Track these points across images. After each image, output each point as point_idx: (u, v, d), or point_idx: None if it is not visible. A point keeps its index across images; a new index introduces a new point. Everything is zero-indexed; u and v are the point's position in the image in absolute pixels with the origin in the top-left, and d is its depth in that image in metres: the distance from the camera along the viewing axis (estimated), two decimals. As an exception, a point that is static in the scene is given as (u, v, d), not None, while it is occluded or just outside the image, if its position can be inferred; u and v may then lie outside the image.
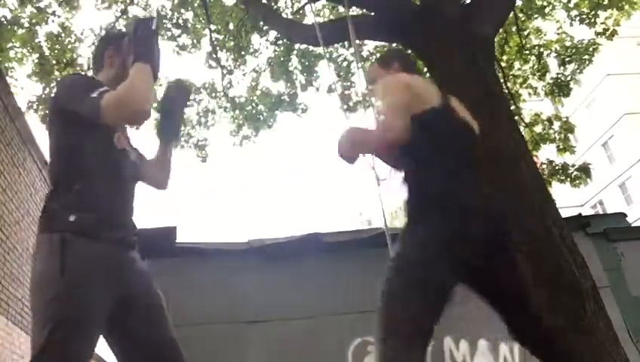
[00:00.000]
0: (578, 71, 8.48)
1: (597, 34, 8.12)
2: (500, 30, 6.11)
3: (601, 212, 24.52)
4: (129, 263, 1.80)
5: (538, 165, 6.91)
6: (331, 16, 8.42)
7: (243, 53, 8.56)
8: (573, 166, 8.13)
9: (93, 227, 1.70)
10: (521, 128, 6.72)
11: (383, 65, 2.35)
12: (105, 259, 1.69)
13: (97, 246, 1.69)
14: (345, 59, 8.69)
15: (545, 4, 8.38)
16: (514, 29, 7.91)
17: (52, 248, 1.64)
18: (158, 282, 1.99)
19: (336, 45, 8.15)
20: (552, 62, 8.72)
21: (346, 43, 7.51)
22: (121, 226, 1.81)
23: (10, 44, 7.22)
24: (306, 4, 7.93)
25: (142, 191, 2.05)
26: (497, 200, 2.09)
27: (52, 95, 1.98)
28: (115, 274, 1.71)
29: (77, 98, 1.73)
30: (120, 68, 1.91)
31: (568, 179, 8.03)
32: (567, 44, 8.52)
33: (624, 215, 7.35)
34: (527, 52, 8.42)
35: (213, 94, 8.86)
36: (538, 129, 8.58)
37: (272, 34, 8.23)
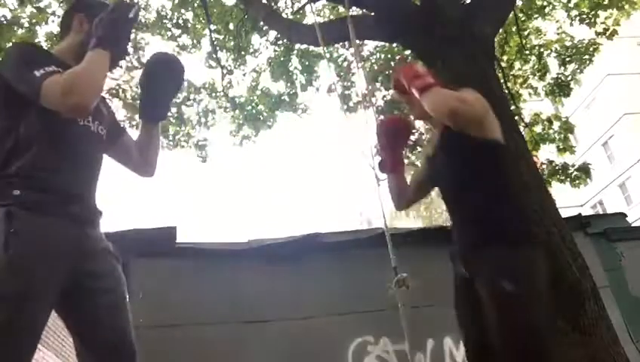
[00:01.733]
0: (578, 71, 8.49)
1: (597, 34, 8.12)
2: (500, 30, 6.10)
3: (601, 212, 24.52)
4: (85, 240, 1.66)
5: (538, 165, 6.91)
6: (331, 16, 8.42)
7: (243, 53, 8.57)
8: (573, 166, 8.12)
9: (41, 201, 1.58)
10: (521, 128, 6.72)
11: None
12: (54, 234, 1.57)
13: (45, 220, 1.56)
14: (345, 59, 8.70)
15: (545, 4, 8.39)
16: (514, 29, 7.91)
17: None
18: (158, 282, 1.96)
19: (336, 45, 8.16)
20: (552, 62, 8.72)
21: (346, 43, 7.51)
22: (74, 201, 1.65)
23: (10, 44, 7.21)
24: (306, 4, 7.94)
25: (140, 189, 1.94)
26: None
27: None
28: (66, 250, 1.59)
29: (18, 73, 1.60)
30: (87, 36, 1.75)
31: (568, 179, 8.03)
32: (567, 44, 8.52)
33: (624, 215, 7.36)
34: (527, 52, 8.42)
35: (213, 94, 8.86)
36: (538, 129, 8.59)
37: (272, 34, 8.24)
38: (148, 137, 1.93)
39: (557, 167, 8.05)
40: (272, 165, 70.27)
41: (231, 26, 8.35)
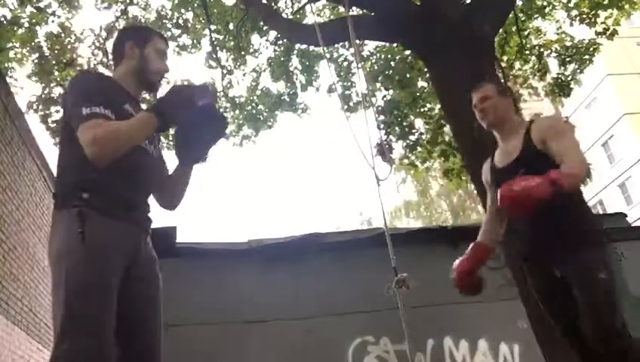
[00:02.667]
0: (578, 71, 8.48)
1: (597, 34, 8.12)
2: (500, 30, 6.10)
3: (601, 212, 24.51)
4: (143, 245, 1.81)
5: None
6: (331, 17, 8.42)
7: (243, 53, 8.57)
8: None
9: (107, 205, 1.71)
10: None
11: (500, 92, 2.59)
12: (120, 234, 1.71)
13: (112, 221, 1.70)
14: (345, 59, 8.70)
15: (545, 4, 8.38)
16: (514, 29, 7.91)
17: (70, 221, 1.65)
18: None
19: (336, 45, 8.15)
20: (552, 62, 8.72)
21: (346, 43, 7.51)
22: (135, 209, 1.81)
23: (10, 44, 7.22)
24: (306, 4, 7.94)
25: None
26: None
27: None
28: (128, 251, 1.73)
29: (71, 104, 1.75)
30: (140, 60, 1.93)
31: (568, 179, 8.02)
32: (567, 44, 8.52)
33: (624, 215, 7.35)
34: (527, 52, 8.42)
35: (213, 94, 8.85)
36: (538, 129, 8.57)
37: (272, 34, 8.24)
38: (181, 176, 2.01)
39: (557, 167, 8.04)
40: (272, 165, 70.32)
41: (231, 26, 8.35)
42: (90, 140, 1.65)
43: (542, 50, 8.48)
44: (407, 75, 8.12)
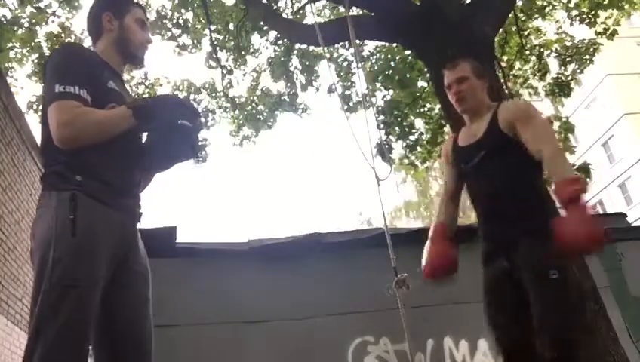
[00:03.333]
0: (578, 71, 8.48)
1: (597, 34, 8.12)
2: (500, 30, 6.10)
3: (601, 212, 24.51)
4: (135, 236, 1.73)
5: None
6: (331, 16, 8.42)
7: (243, 53, 8.57)
8: (573, 166, 8.12)
9: (101, 190, 1.61)
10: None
11: (477, 73, 2.39)
12: (112, 225, 1.61)
13: (105, 209, 1.60)
14: (345, 59, 8.69)
15: (545, 4, 8.38)
16: (514, 29, 7.91)
17: (61, 205, 1.53)
18: (158, 282, 1.96)
19: (336, 45, 8.15)
20: (552, 62, 8.72)
21: (346, 43, 7.51)
22: (128, 195, 1.71)
23: (10, 44, 7.21)
24: (306, 4, 7.94)
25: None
26: None
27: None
28: (121, 241, 1.64)
29: (47, 79, 1.64)
30: (120, 32, 1.81)
31: (568, 180, 8.02)
32: (568, 44, 8.52)
33: (624, 215, 7.35)
34: (528, 52, 8.42)
35: (213, 94, 8.87)
36: (538, 129, 8.57)
37: (273, 34, 8.23)
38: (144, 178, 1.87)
39: (557, 167, 8.04)
40: (272, 165, 70.32)
41: (231, 26, 8.35)
42: (55, 122, 1.55)
43: (542, 50, 8.48)
44: (407, 75, 8.12)
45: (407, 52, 7.73)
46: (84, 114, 1.58)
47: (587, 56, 8.33)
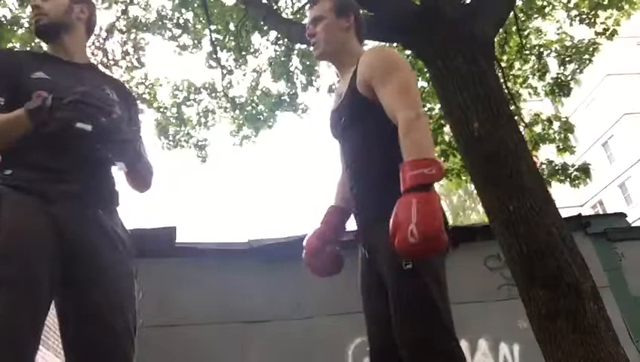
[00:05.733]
0: (578, 71, 8.48)
1: (597, 34, 8.12)
2: (500, 30, 6.10)
3: (601, 212, 24.51)
4: (81, 227, 1.53)
5: (538, 165, 6.91)
6: (331, 16, 8.41)
7: (243, 53, 8.57)
8: (572, 166, 8.12)
9: (34, 180, 1.49)
10: (521, 128, 6.72)
11: (338, 9, 1.93)
12: (46, 219, 1.47)
13: (38, 203, 1.47)
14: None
15: (545, 4, 8.38)
16: (514, 29, 7.91)
17: None
18: (158, 282, 1.93)
19: (336, 45, 8.15)
20: (552, 62, 8.72)
21: (346, 43, 7.50)
22: (72, 180, 1.55)
23: (10, 44, 7.21)
24: (306, 4, 7.93)
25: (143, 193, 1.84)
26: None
27: None
28: (60, 236, 1.48)
29: None
30: (88, 23, 1.75)
31: (568, 179, 8.02)
32: (567, 44, 8.52)
33: (624, 215, 7.36)
34: (527, 52, 8.42)
35: (214, 94, 8.87)
36: (538, 129, 8.58)
37: (273, 34, 8.23)
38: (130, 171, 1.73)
39: (557, 167, 8.04)
40: (272, 165, 70.32)
41: (231, 26, 8.35)
42: None
43: (542, 50, 8.48)
44: (407, 75, 8.11)
45: (407, 52, 7.73)
46: None
47: (587, 56, 8.32)
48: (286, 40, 7.88)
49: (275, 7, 7.62)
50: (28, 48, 7.44)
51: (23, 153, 1.52)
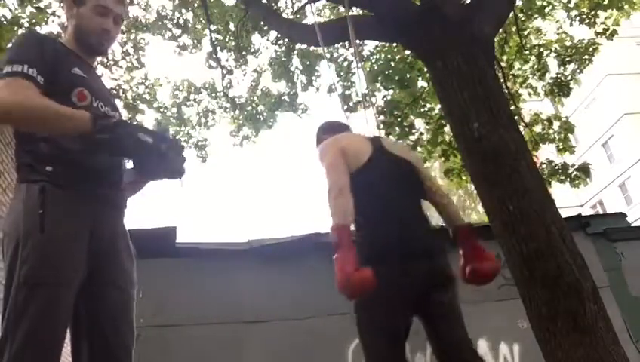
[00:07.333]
0: (578, 71, 8.48)
1: (597, 34, 8.12)
2: (500, 30, 6.10)
3: (601, 212, 24.52)
4: (111, 227, 1.62)
5: (538, 165, 6.90)
6: (331, 16, 8.42)
7: (244, 53, 8.57)
8: (572, 166, 8.13)
9: (73, 179, 1.53)
10: (521, 128, 6.72)
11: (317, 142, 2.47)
12: (85, 218, 1.52)
13: (77, 201, 1.51)
14: (345, 59, 8.70)
15: (545, 4, 8.38)
16: (514, 29, 7.91)
17: (30, 198, 1.47)
18: (158, 282, 1.94)
19: (336, 45, 8.15)
20: (552, 62, 8.72)
21: (346, 43, 7.51)
22: (104, 182, 1.61)
23: (10, 44, 7.21)
24: (306, 4, 7.93)
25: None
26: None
27: None
28: (94, 236, 1.54)
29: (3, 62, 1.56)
30: (78, 20, 1.74)
31: (568, 179, 8.03)
32: (567, 44, 8.52)
33: (624, 215, 7.35)
34: (527, 52, 8.42)
35: (214, 94, 8.87)
36: (538, 129, 8.59)
37: (273, 34, 8.24)
38: (134, 186, 1.80)
39: (557, 167, 8.05)
40: (272, 165, 70.30)
41: (231, 26, 8.36)
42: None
43: (542, 50, 8.48)
44: (407, 75, 8.12)
45: (407, 52, 7.73)
46: (30, 100, 1.47)
47: (587, 56, 8.33)
48: (286, 40, 7.88)
49: (275, 7, 7.62)
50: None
51: (60, 150, 1.54)
